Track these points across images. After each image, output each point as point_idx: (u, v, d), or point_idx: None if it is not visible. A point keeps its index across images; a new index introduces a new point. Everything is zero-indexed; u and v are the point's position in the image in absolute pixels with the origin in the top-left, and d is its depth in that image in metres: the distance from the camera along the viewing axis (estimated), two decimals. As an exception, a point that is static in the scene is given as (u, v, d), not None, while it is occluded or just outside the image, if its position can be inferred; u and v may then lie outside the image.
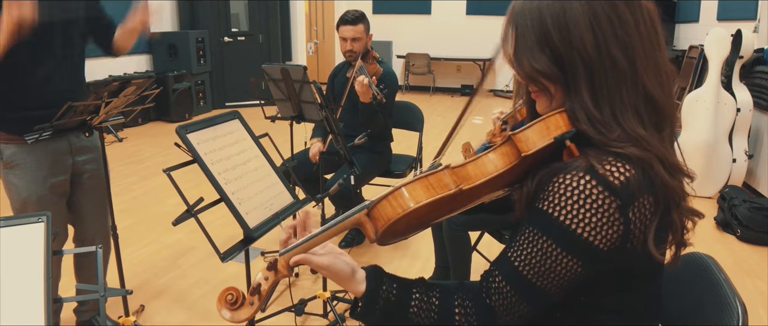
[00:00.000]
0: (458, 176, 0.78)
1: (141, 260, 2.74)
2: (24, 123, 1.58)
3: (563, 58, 0.76)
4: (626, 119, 0.75)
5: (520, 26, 0.79)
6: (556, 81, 0.78)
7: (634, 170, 0.72)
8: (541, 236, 0.74)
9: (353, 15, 2.68)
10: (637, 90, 0.75)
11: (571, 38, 0.75)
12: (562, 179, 0.73)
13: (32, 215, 1.07)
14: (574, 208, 0.72)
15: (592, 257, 0.73)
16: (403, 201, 0.75)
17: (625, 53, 0.75)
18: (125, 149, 4.99)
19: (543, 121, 0.77)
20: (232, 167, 1.36)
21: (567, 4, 0.75)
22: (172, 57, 6.47)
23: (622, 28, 0.75)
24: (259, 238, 1.35)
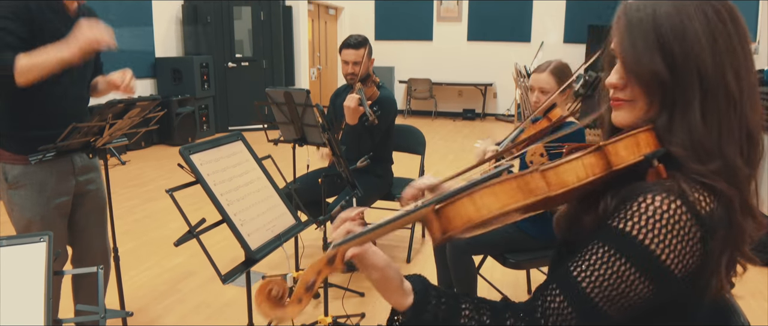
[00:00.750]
0: (548, 181, 0.73)
1: (142, 283, 2.72)
2: (29, 143, 1.59)
3: (679, 68, 0.73)
4: (731, 150, 0.72)
5: (638, 25, 0.76)
6: (664, 90, 0.74)
7: (717, 203, 0.70)
8: (618, 257, 0.71)
9: (356, 40, 2.72)
10: (742, 122, 0.73)
11: (690, 51, 0.72)
12: (650, 200, 0.70)
13: (34, 235, 1.07)
14: (660, 232, 0.69)
15: (666, 284, 0.71)
16: (487, 203, 0.70)
17: (736, 80, 0.73)
18: (128, 172, 5.01)
19: (632, 136, 0.74)
20: (234, 189, 1.36)
21: (685, 16, 0.73)
22: (177, 81, 6.54)
23: (733, 54, 0.73)
24: (260, 260, 1.34)
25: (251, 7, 7.31)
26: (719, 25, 0.73)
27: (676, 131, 0.73)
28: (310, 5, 8.57)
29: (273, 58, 7.50)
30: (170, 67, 6.56)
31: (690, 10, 0.74)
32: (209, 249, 1.29)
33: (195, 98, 6.55)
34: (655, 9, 0.75)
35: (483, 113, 9.47)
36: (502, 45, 9.10)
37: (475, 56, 9.26)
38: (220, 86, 7.15)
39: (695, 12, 0.74)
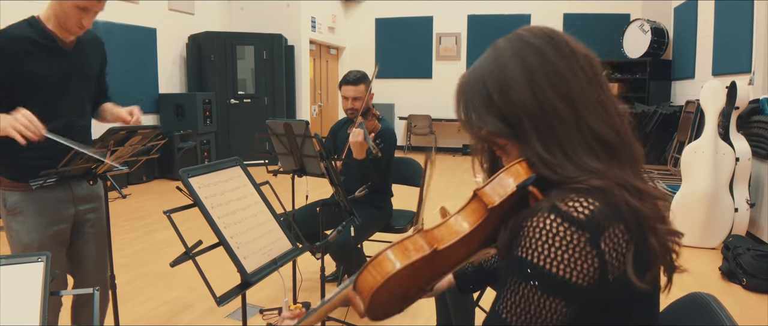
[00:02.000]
0: (432, 237, 0.80)
1: (139, 316, 2.69)
2: (29, 170, 1.62)
3: (508, 116, 0.81)
4: (578, 156, 0.78)
5: (467, 96, 0.86)
6: (508, 137, 0.82)
7: (598, 201, 0.73)
8: (520, 283, 0.75)
9: (355, 76, 2.79)
10: (583, 131, 0.79)
11: (511, 97, 0.80)
12: (529, 223, 0.75)
13: (32, 255, 1.08)
14: (544, 249, 0.73)
15: (573, 294, 0.73)
16: (381, 268, 0.77)
17: (565, 101, 0.79)
18: (128, 205, 5.02)
19: (505, 172, 0.81)
20: (231, 212, 1.38)
21: (504, 66, 0.82)
22: (179, 117, 6.64)
23: (558, 78, 0.79)
24: (255, 283, 1.34)
25: (254, 46, 7.48)
26: (534, 57, 0.81)
27: (532, 157, 0.80)
28: (312, 45, 8.77)
29: (275, 95, 7.62)
30: (173, 103, 6.66)
31: (507, 59, 0.82)
32: (207, 278, 1.29)
33: (197, 133, 6.63)
34: (479, 72, 0.85)
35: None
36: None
37: (474, 93, 9.39)
38: (222, 122, 7.24)
39: (511, 59, 0.82)
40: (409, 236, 0.80)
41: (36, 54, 1.65)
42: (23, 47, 1.63)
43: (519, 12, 9.05)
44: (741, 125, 4.06)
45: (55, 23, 1.68)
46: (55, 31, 1.70)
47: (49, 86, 1.69)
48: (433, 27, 9.57)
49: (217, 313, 2.71)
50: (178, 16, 7.10)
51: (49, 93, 1.70)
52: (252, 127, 7.13)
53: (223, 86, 7.25)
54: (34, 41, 1.65)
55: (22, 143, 1.47)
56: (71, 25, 1.67)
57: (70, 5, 1.62)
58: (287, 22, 8.03)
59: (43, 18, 1.70)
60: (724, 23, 5.55)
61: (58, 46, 1.71)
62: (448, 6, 9.41)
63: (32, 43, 1.65)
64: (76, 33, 1.72)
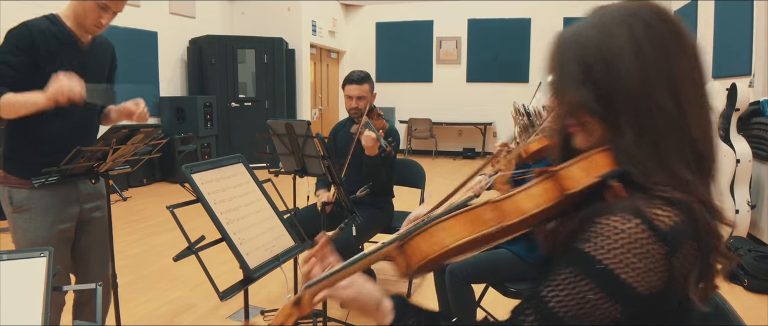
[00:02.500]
0: (500, 211, 0.74)
1: (140, 316, 2.69)
2: (36, 168, 1.62)
3: (605, 94, 0.73)
4: (670, 162, 0.72)
5: (563, 58, 0.77)
6: (597, 115, 0.75)
7: (681, 215, 0.70)
8: (582, 279, 0.71)
9: (359, 75, 2.79)
10: (683, 132, 0.73)
11: (614, 73, 0.72)
12: (607, 221, 0.70)
13: (35, 250, 1.08)
14: (620, 252, 0.69)
15: (632, 302, 0.71)
16: (441, 238, 0.72)
17: (671, 93, 0.72)
18: (129, 207, 5.02)
19: (587, 159, 0.74)
20: (234, 208, 1.38)
21: (611, 38, 0.73)
22: (180, 120, 6.65)
23: (668, 65, 0.72)
24: (258, 278, 1.34)
25: (255, 49, 7.50)
26: (646, 36, 0.72)
27: (621, 150, 0.73)
28: (313, 49, 8.79)
29: (275, 98, 7.64)
30: (174, 106, 6.68)
31: (614, 25, 0.74)
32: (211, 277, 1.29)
33: (198, 136, 6.64)
34: (580, 36, 0.76)
35: (483, 151, 9.54)
36: (500, 85, 9.27)
37: (475, 97, 9.42)
38: (222, 125, 7.25)
39: (619, 26, 0.73)
40: (476, 207, 0.74)
41: (57, 50, 1.68)
42: (47, 41, 1.66)
43: (519, 16, 9.08)
44: (741, 127, 4.06)
45: (73, 22, 1.72)
46: (74, 30, 1.73)
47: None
48: (434, 31, 9.60)
49: (219, 313, 2.70)
50: (179, 19, 7.12)
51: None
52: (252, 130, 7.14)
53: (224, 90, 7.26)
54: (56, 37, 1.68)
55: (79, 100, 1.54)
56: (89, 24, 1.71)
57: (91, 3, 1.66)
58: (288, 25, 8.06)
59: (62, 16, 1.73)
60: (723, 25, 5.57)
61: (76, 44, 1.74)
62: (448, 10, 9.44)
63: (55, 38, 1.68)
64: (94, 32, 1.76)
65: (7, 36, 1.63)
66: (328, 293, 0.78)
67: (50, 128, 1.70)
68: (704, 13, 6.13)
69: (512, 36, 9.12)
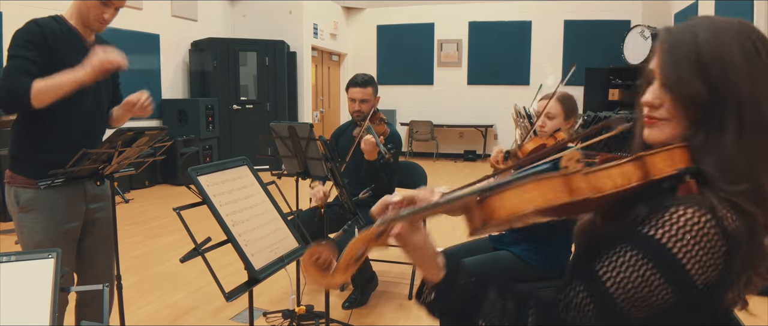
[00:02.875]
0: (590, 183, 0.75)
1: (143, 318, 2.70)
2: (43, 169, 1.64)
3: (718, 93, 0.76)
4: (760, 174, 0.75)
5: (676, 51, 0.79)
6: (695, 113, 0.78)
7: (741, 222, 0.73)
8: (645, 261, 0.73)
9: (363, 78, 2.81)
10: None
11: (729, 77, 0.76)
12: (682, 212, 0.73)
13: (43, 251, 1.10)
14: (689, 242, 0.72)
15: (687, 292, 0.74)
16: (532, 196, 0.72)
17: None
18: (131, 209, 5.03)
19: (668, 151, 0.78)
20: (239, 210, 1.39)
21: (725, 43, 0.77)
22: (182, 122, 6.67)
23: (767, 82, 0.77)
24: (263, 280, 1.35)
25: (256, 52, 7.53)
26: (756, 57, 0.77)
27: (709, 151, 0.76)
28: (314, 51, 8.82)
29: (277, 101, 7.66)
30: (176, 109, 6.70)
31: (727, 39, 0.78)
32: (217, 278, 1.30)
33: (199, 138, 6.66)
34: (697, 34, 0.79)
35: (484, 153, 9.56)
36: (501, 88, 9.29)
37: (476, 99, 9.44)
38: (224, 127, 7.27)
39: (732, 42, 0.78)
40: (571, 173, 0.75)
41: (64, 49, 1.70)
42: (57, 38, 1.68)
43: (520, 18, 9.11)
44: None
45: (77, 21, 1.75)
46: (79, 29, 1.75)
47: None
48: (435, 34, 9.62)
49: (221, 315, 2.71)
50: (181, 22, 7.15)
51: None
52: (254, 132, 7.16)
53: (226, 92, 7.28)
54: (63, 36, 1.71)
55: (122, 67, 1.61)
56: (92, 21, 1.74)
57: (93, 1, 1.69)
58: (289, 28, 8.08)
59: (66, 16, 1.75)
60: (724, 29, 5.59)
61: (81, 43, 1.76)
62: (449, 13, 9.46)
63: (62, 37, 1.70)
64: (98, 28, 1.78)
65: (17, 34, 1.65)
66: (405, 230, 0.76)
67: (56, 129, 1.72)
68: (705, 16, 6.15)
69: (513, 38, 9.14)
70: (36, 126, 1.70)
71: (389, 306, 2.88)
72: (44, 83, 1.58)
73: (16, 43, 1.64)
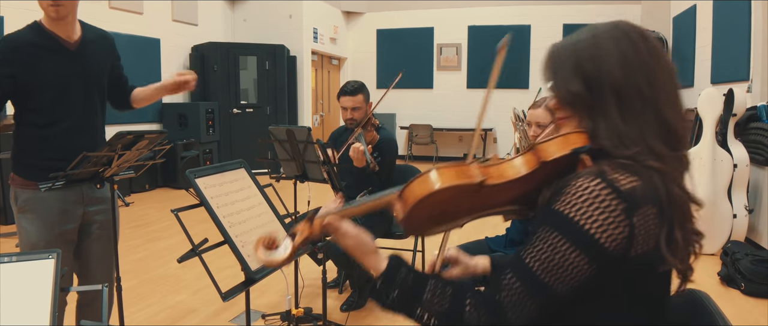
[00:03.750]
0: (484, 171, 0.86)
1: (141, 321, 2.72)
2: (41, 171, 1.66)
3: (593, 84, 0.86)
4: (650, 137, 0.84)
5: (558, 60, 0.92)
6: (586, 103, 0.88)
7: (640, 181, 0.80)
8: (551, 232, 0.81)
9: (353, 86, 2.83)
10: (659, 117, 0.85)
11: (602, 68, 0.86)
12: (577, 183, 0.81)
13: (43, 252, 1.12)
14: (583, 206, 0.79)
15: (597, 254, 0.79)
16: (430, 182, 0.82)
17: (648, 84, 0.85)
18: (131, 212, 5.06)
19: (563, 136, 0.87)
20: (236, 212, 1.41)
21: (599, 43, 0.88)
22: (182, 126, 6.70)
23: (647, 70, 0.86)
24: (259, 280, 1.38)
25: (257, 56, 7.56)
26: (629, 46, 0.87)
27: (601, 130, 0.86)
28: (314, 56, 8.85)
29: (277, 105, 7.69)
30: (176, 113, 6.73)
31: (603, 38, 0.89)
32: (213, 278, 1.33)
33: (200, 142, 6.69)
34: (578, 41, 0.91)
35: (483, 157, 9.57)
36: (501, 92, 9.30)
37: (475, 103, 9.45)
38: (224, 131, 7.30)
39: (606, 40, 0.88)
40: (465, 162, 0.86)
41: (41, 57, 1.71)
42: (27, 51, 1.68)
43: (519, 23, 9.14)
44: (739, 132, 4.09)
45: (47, 21, 1.72)
46: (56, 32, 1.73)
47: (56, 86, 1.74)
48: (434, 38, 9.66)
49: (220, 318, 2.73)
50: (181, 26, 7.19)
51: (57, 93, 1.75)
52: (254, 136, 7.15)
53: (226, 96, 7.32)
54: (38, 44, 1.70)
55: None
56: (47, 9, 1.66)
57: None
58: (289, 33, 8.12)
59: (43, 21, 1.74)
60: (722, 31, 5.61)
61: (61, 46, 1.75)
62: (448, 17, 9.50)
63: (36, 46, 1.70)
64: (52, 16, 1.68)
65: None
66: (335, 220, 0.93)
67: (51, 134, 1.74)
68: (702, 21, 6.18)
69: (512, 42, 9.11)
70: (34, 131, 1.73)
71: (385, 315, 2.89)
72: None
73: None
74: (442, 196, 0.82)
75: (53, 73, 1.73)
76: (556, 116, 0.95)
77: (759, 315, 2.81)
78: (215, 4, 7.95)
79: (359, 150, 2.58)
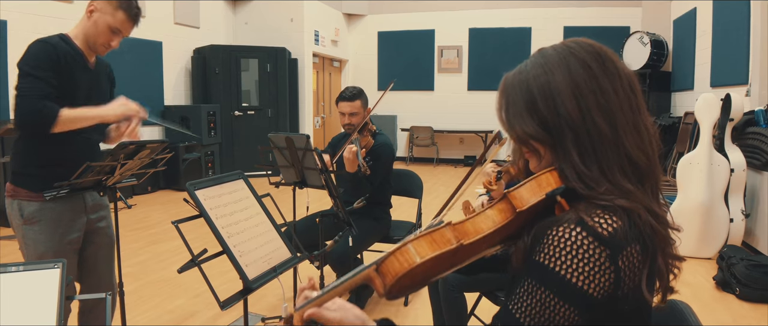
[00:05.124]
0: (459, 232, 0.83)
1: (144, 323, 2.77)
2: (45, 182, 1.71)
3: (550, 123, 0.83)
4: (613, 175, 0.81)
5: (511, 96, 0.88)
6: (545, 143, 0.85)
7: (621, 221, 0.77)
8: (539, 287, 0.78)
9: (351, 92, 2.88)
10: (619, 151, 0.82)
11: (557, 106, 0.83)
12: (554, 232, 0.78)
13: (49, 262, 1.16)
14: (567, 259, 0.76)
15: (587, 305, 0.77)
16: (409, 257, 0.80)
17: (607, 119, 0.82)
18: (134, 215, 5.11)
19: (535, 179, 0.84)
20: (234, 222, 1.46)
21: (551, 75, 0.84)
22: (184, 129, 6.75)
23: (603, 96, 0.82)
24: (256, 289, 1.42)
25: (258, 59, 7.61)
26: (581, 70, 0.83)
27: (566, 168, 0.83)
28: (315, 58, 8.90)
29: (278, 107, 7.74)
30: (179, 115, 6.78)
31: (553, 67, 0.85)
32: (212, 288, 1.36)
33: (201, 144, 6.74)
34: (525, 75, 0.87)
35: (484, 159, 9.60)
36: (501, 94, 9.33)
37: (476, 105, 9.49)
38: (226, 133, 7.35)
39: (558, 69, 0.84)
40: (437, 228, 0.83)
41: (72, 67, 1.78)
42: (66, 61, 1.75)
43: (519, 25, 9.17)
44: (736, 137, 4.12)
45: (83, 42, 1.82)
46: (83, 50, 1.83)
47: (80, 97, 1.81)
48: (435, 40, 9.70)
49: (220, 321, 2.78)
50: (183, 29, 7.24)
51: (80, 104, 1.79)
52: (255, 138, 7.24)
53: (228, 98, 7.37)
54: (71, 55, 1.78)
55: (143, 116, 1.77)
56: (99, 45, 1.81)
57: (104, 25, 1.76)
58: (291, 35, 8.17)
59: (71, 36, 1.82)
60: (721, 35, 5.62)
61: (86, 64, 1.84)
62: (449, 19, 9.54)
63: (71, 58, 1.77)
64: (101, 53, 1.85)
65: (30, 53, 1.69)
66: (316, 312, 0.86)
67: (56, 146, 1.79)
68: (702, 23, 6.20)
69: (513, 45, 9.20)
70: (38, 143, 1.77)
71: (386, 312, 2.93)
72: (72, 113, 1.67)
73: (31, 63, 1.67)
74: (422, 267, 0.81)
75: (80, 86, 1.80)
76: (522, 151, 0.92)
77: (753, 319, 2.84)
78: (217, 6, 8.00)
79: (352, 151, 2.62)
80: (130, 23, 1.81)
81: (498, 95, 0.91)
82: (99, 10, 1.76)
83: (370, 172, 2.69)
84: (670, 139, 6.40)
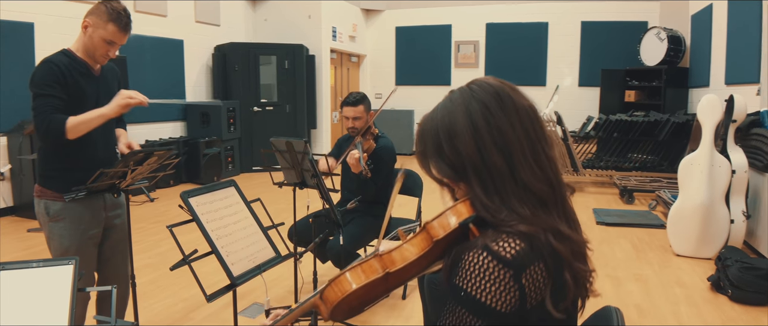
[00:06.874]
0: (386, 261, 0.95)
1: (157, 311, 3.01)
2: (69, 183, 1.93)
3: (455, 163, 0.94)
4: (511, 204, 0.90)
5: (424, 140, 0.99)
6: (454, 180, 0.96)
7: (523, 243, 0.86)
8: (457, 306, 0.89)
9: (354, 97, 3.04)
10: (517, 182, 0.91)
11: (458, 148, 0.93)
12: (466, 256, 0.88)
13: (63, 259, 1.36)
14: (476, 281, 0.86)
15: (496, 319, 0.87)
16: (342, 286, 0.93)
17: (503, 155, 0.91)
18: (156, 208, 5.41)
19: (450, 210, 0.94)
20: (223, 226, 1.65)
21: (453, 117, 0.94)
22: (205, 124, 7.03)
23: (499, 134, 0.92)
24: (241, 284, 1.61)
25: (277, 56, 7.83)
26: (480, 111, 0.93)
27: (474, 200, 0.94)
28: (333, 54, 9.07)
29: (296, 102, 7.95)
30: (199, 111, 7.06)
31: (456, 110, 0.96)
32: (202, 282, 1.55)
33: (221, 140, 7.00)
34: (435, 121, 0.98)
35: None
36: (518, 89, 9.35)
37: (492, 99, 9.52)
38: (245, 129, 7.60)
39: (459, 111, 0.95)
40: (366, 260, 0.95)
41: (78, 80, 1.98)
42: (71, 75, 1.96)
43: (536, 20, 9.16)
44: (740, 138, 4.13)
45: (83, 53, 2.02)
46: (86, 60, 2.02)
47: (89, 103, 2.02)
48: (452, 35, 9.75)
49: (230, 310, 3.00)
50: (204, 27, 7.50)
51: (90, 109, 1.99)
52: (273, 133, 7.37)
53: (247, 95, 7.61)
54: (75, 68, 1.98)
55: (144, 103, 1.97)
56: (98, 56, 2.01)
57: (99, 39, 1.96)
58: (309, 32, 8.36)
59: (73, 49, 2.02)
60: (736, 33, 5.56)
61: (90, 72, 2.04)
62: (466, 14, 9.58)
63: (75, 71, 1.98)
64: (102, 62, 2.05)
65: (37, 75, 1.91)
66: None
67: (75, 151, 2.01)
68: (718, 20, 6.12)
69: (530, 40, 9.20)
70: (59, 149, 1.98)
71: (383, 306, 3.10)
72: (77, 119, 1.89)
73: (38, 84, 1.90)
74: (358, 293, 0.92)
75: (88, 95, 2.00)
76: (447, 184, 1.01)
77: (743, 322, 2.88)
78: (237, 4, 8.24)
79: (355, 157, 2.80)
80: (122, 33, 1.98)
81: (415, 139, 1.03)
82: (92, 25, 1.95)
83: (370, 175, 2.86)
84: (683, 136, 6.36)
